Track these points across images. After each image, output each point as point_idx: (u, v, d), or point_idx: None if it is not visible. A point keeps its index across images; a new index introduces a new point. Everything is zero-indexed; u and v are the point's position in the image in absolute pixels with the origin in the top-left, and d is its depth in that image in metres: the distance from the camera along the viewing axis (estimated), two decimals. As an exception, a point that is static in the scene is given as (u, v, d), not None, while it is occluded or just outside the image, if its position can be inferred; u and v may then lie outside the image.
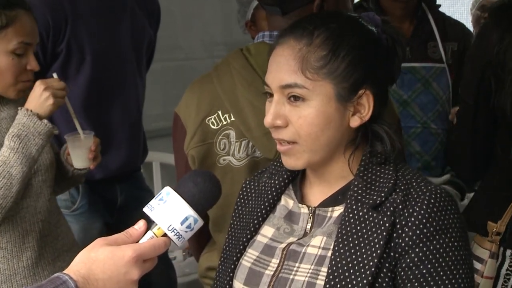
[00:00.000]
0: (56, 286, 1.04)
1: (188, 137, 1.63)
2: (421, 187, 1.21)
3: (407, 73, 2.59)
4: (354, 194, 1.23)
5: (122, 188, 2.69)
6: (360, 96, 1.23)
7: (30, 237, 1.94)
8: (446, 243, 1.17)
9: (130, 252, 1.08)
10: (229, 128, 1.60)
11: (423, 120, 2.64)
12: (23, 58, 1.90)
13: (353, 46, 1.22)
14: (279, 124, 1.23)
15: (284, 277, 1.25)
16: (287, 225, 1.32)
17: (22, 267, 1.93)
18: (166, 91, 3.92)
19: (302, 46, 1.21)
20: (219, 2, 3.98)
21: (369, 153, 1.26)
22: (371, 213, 1.19)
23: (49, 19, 2.38)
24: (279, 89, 1.23)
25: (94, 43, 2.49)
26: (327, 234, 1.24)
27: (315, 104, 1.21)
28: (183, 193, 1.13)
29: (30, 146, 1.84)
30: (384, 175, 1.24)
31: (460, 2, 4.84)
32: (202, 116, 1.61)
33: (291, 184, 1.37)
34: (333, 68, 1.21)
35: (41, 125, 1.86)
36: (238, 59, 1.61)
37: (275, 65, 1.24)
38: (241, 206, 1.44)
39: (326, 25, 1.23)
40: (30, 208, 1.94)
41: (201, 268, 1.77)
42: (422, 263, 1.16)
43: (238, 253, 1.35)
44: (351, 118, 1.24)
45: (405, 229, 1.17)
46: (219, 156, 1.61)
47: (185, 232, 1.12)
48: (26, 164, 1.82)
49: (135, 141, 2.72)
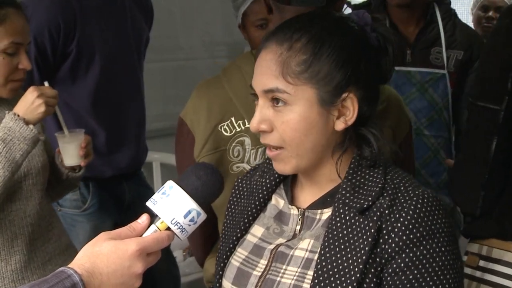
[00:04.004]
0: (61, 280, 1.04)
1: (199, 145, 1.60)
2: (408, 191, 1.19)
3: (402, 77, 2.57)
4: (342, 197, 1.21)
5: (129, 186, 2.71)
6: (344, 99, 1.20)
7: (19, 241, 1.92)
8: (433, 248, 1.14)
9: (133, 245, 1.08)
10: (244, 135, 1.57)
11: (416, 126, 2.58)
12: (15, 58, 1.88)
13: (334, 49, 1.19)
14: (264, 129, 1.22)
15: (271, 279, 1.24)
16: (277, 225, 1.31)
17: (11, 270, 1.90)
18: (166, 91, 3.92)
19: (283, 50, 1.20)
20: (219, 2, 3.98)
21: (358, 155, 1.24)
22: (358, 217, 1.18)
23: (60, 20, 2.39)
24: (263, 93, 1.22)
25: (102, 43, 2.51)
26: (315, 237, 1.23)
27: (297, 109, 1.19)
28: (186, 186, 1.13)
29: (14, 150, 1.81)
30: (372, 178, 1.22)
31: (460, 2, 4.83)
32: (214, 123, 1.58)
33: (282, 184, 1.36)
34: (314, 72, 1.19)
35: (27, 130, 1.83)
36: (250, 64, 1.57)
37: (259, 69, 1.23)
38: (233, 204, 1.43)
39: (306, 29, 1.21)
40: (19, 212, 1.92)
41: (208, 273, 1.73)
42: (409, 268, 1.14)
43: (228, 252, 1.35)
44: (336, 121, 1.21)
45: (391, 234, 1.15)
46: (232, 163, 1.59)
47: (188, 226, 1.13)
48: (8, 168, 1.80)
49: (141, 138, 2.76)
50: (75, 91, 2.47)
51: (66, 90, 2.45)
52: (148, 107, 2.83)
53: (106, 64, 2.52)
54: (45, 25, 2.36)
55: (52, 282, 1.04)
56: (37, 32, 2.33)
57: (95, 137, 2.48)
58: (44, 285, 1.03)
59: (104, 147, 2.57)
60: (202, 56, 4.16)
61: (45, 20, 2.36)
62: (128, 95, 2.66)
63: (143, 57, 2.79)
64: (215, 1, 4.01)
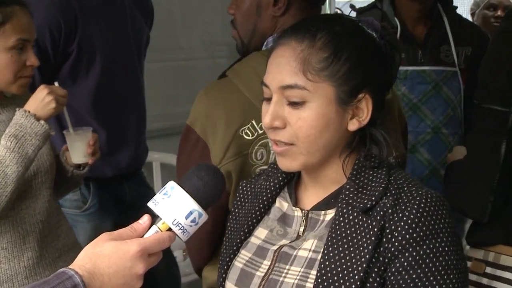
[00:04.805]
0: (62, 281, 1.04)
1: (219, 153, 1.57)
2: (412, 191, 1.20)
3: (417, 77, 2.58)
4: (346, 198, 1.22)
5: (130, 186, 2.72)
6: (359, 100, 1.22)
7: (30, 238, 1.95)
8: (437, 248, 1.15)
9: (135, 246, 1.08)
10: (267, 137, 1.54)
11: (434, 124, 2.61)
12: (22, 55, 1.91)
13: (354, 50, 1.22)
14: (277, 125, 1.23)
15: (274, 279, 1.25)
16: (281, 227, 1.32)
17: (23, 267, 1.94)
18: (166, 91, 3.92)
19: (304, 47, 1.21)
20: (219, 2, 3.97)
21: (363, 156, 1.25)
22: (361, 217, 1.19)
23: (60, 20, 2.39)
24: (279, 89, 1.22)
25: (103, 43, 2.51)
26: (319, 237, 1.24)
27: (315, 106, 1.20)
28: (188, 187, 1.13)
29: (26, 146, 1.84)
30: (376, 179, 1.23)
31: (461, 2, 4.84)
32: (234, 129, 1.56)
33: (287, 187, 1.36)
34: (334, 71, 1.20)
35: (38, 125, 1.86)
36: (263, 63, 1.56)
37: (275, 65, 1.24)
38: (237, 208, 1.43)
39: (328, 28, 1.22)
40: (30, 209, 1.95)
41: (209, 280, 1.70)
42: (412, 268, 1.15)
43: (231, 254, 1.35)
44: (350, 121, 1.23)
45: (394, 233, 1.16)
46: (256, 166, 1.57)
47: (190, 227, 1.13)
48: (22, 164, 1.82)
49: (141, 138, 2.77)
50: (76, 91, 2.47)
51: (67, 90, 2.45)
52: (148, 107, 2.83)
53: (106, 64, 2.52)
54: (46, 25, 2.36)
55: (53, 283, 1.04)
56: (38, 32, 2.32)
57: (96, 137, 2.49)
58: (45, 286, 1.03)
59: (104, 147, 2.57)
60: (202, 56, 4.15)
61: (46, 20, 2.36)
62: (129, 95, 2.66)
63: (144, 57, 2.80)
64: (215, 1, 4.01)
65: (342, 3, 5.76)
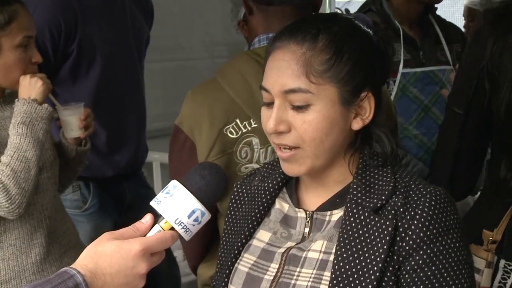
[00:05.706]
0: (63, 280, 1.04)
1: (204, 151, 1.58)
2: (420, 189, 1.20)
3: (425, 78, 2.59)
4: (354, 197, 1.22)
5: (130, 186, 2.72)
6: (362, 99, 1.22)
7: (38, 234, 1.97)
8: (449, 244, 1.16)
9: (137, 245, 1.08)
10: (251, 135, 1.56)
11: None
12: (27, 52, 1.94)
13: (355, 49, 1.21)
14: (282, 130, 1.21)
15: (285, 282, 1.24)
16: (284, 229, 1.31)
17: (31, 263, 1.96)
18: (166, 91, 3.92)
19: (305, 50, 1.20)
20: (219, 2, 3.98)
21: (367, 155, 1.25)
22: (373, 216, 1.19)
23: (61, 19, 2.40)
24: (281, 94, 1.21)
25: (103, 43, 2.51)
26: (328, 238, 1.23)
27: (319, 108, 1.19)
28: (190, 186, 1.13)
29: (36, 130, 1.88)
30: (382, 177, 1.24)
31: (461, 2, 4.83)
32: (218, 127, 1.57)
33: (285, 188, 1.35)
34: (337, 72, 1.19)
35: (42, 109, 1.91)
36: (250, 64, 1.57)
37: (275, 69, 1.22)
38: (233, 210, 1.42)
39: (328, 28, 1.22)
40: (37, 205, 1.96)
41: (204, 277, 1.72)
42: (427, 265, 1.16)
43: (233, 258, 1.34)
44: (353, 121, 1.23)
45: (408, 232, 1.17)
46: (240, 165, 1.58)
47: (193, 226, 1.12)
48: (37, 147, 1.87)
49: (141, 138, 2.77)
50: (76, 91, 2.47)
51: (67, 90, 2.46)
52: (148, 107, 2.83)
53: (106, 64, 2.52)
54: (46, 25, 2.36)
55: (55, 282, 1.04)
56: (38, 32, 2.32)
57: (96, 137, 2.49)
58: (47, 285, 1.03)
59: (104, 147, 2.58)
60: (202, 56, 4.16)
61: (46, 20, 2.36)
62: (129, 95, 2.66)
63: (144, 57, 2.80)
64: (215, 1, 4.01)
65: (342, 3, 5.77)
